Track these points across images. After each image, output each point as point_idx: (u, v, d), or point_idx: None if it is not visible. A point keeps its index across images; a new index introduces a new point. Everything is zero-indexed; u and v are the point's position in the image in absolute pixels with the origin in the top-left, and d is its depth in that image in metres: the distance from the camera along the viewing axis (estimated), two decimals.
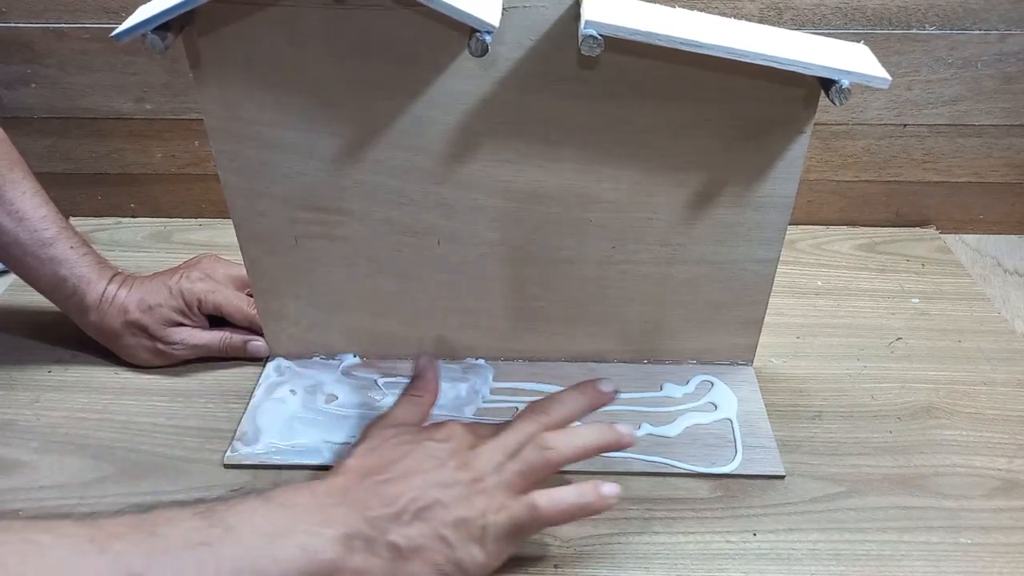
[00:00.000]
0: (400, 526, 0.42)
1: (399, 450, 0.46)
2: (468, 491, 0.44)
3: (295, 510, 0.42)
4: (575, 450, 0.47)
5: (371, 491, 0.43)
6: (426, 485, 0.44)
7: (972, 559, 0.51)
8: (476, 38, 0.43)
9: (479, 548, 0.44)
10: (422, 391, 0.53)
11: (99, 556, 0.36)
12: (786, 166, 0.52)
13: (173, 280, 0.63)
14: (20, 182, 0.60)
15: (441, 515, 0.43)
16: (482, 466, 0.46)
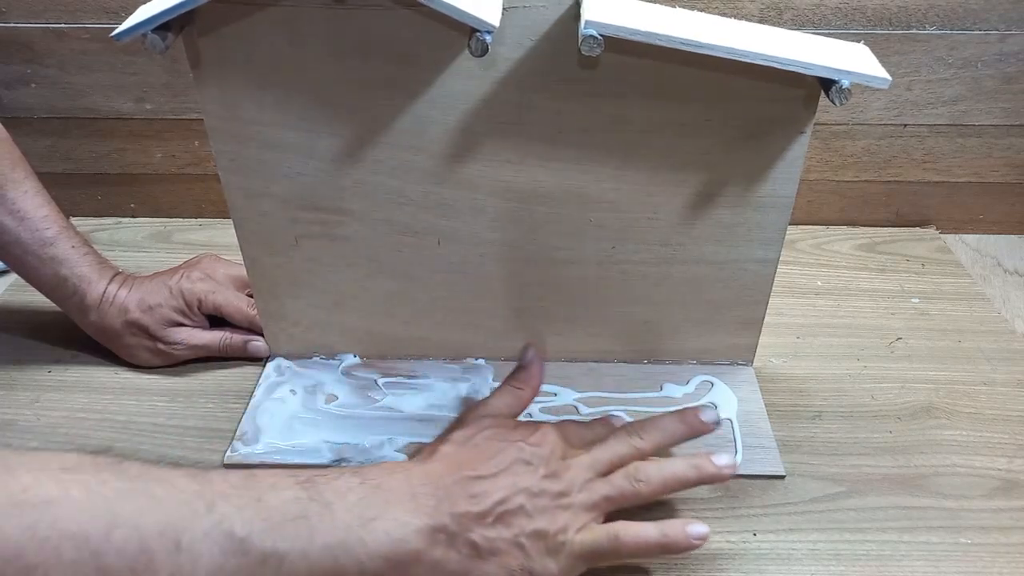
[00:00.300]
0: (482, 527, 0.43)
1: (493, 447, 0.47)
2: (553, 504, 0.45)
3: (388, 494, 0.42)
4: (666, 485, 0.47)
5: (461, 487, 0.44)
6: (514, 490, 0.44)
7: (972, 559, 0.51)
8: (476, 38, 0.43)
9: (553, 561, 0.44)
10: (524, 384, 0.53)
11: (206, 515, 0.37)
12: (786, 166, 0.52)
13: (173, 280, 0.63)
14: (22, 181, 0.60)
15: (523, 523, 0.44)
16: (570, 481, 0.46)
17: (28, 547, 0.33)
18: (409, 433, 0.58)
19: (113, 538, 0.34)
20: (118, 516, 0.35)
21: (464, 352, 0.64)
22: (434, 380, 0.63)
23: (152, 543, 0.35)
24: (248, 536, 0.38)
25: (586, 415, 0.60)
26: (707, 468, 0.48)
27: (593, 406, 0.61)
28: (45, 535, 0.33)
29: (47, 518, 0.33)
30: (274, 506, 0.39)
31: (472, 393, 0.61)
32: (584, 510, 0.46)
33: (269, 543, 0.38)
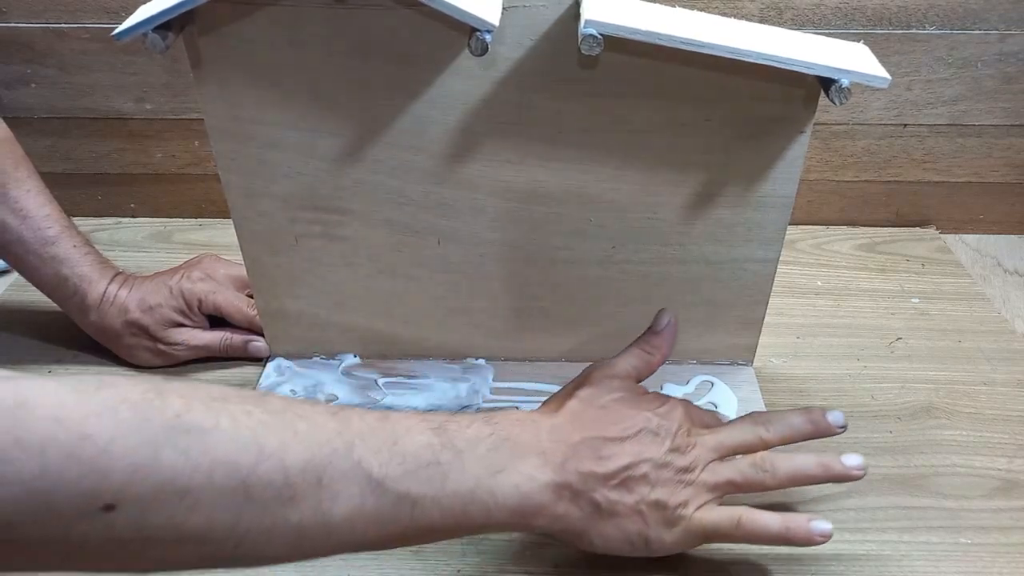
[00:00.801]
0: (606, 488, 0.44)
1: (621, 411, 0.47)
2: (676, 478, 0.45)
3: (517, 447, 0.43)
4: (792, 479, 0.47)
5: (589, 447, 0.44)
6: (640, 457, 0.45)
7: (972, 559, 0.51)
8: (476, 37, 0.43)
9: (668, 532, 0.45)
10: (655, 349, 0.53)
11: (346, 454, 0.38)
12: (786, 166, 0.52)
13: (174, 280, 0.63)
14: (25, 180, 0.60)
15: (645, 491, 0.45)
16: (695, 458, 0.46)
17: (183, 471, 0.33)
18: None
19: (260, 470, 0.35)
20: (264, 448, 0.35)
21: (464, 352, 0.64)
22: (434, 380, 0.63)
23: (296, 478, 0.36)
24: (384, 479, 0.38)
25: None
26: (835, 467, 0.47)
27: None
28: (198, 461, 0.33)
29: (200, 444, 0.34)
30: (409, 451, 0.40)
31: (472, 393, 0.61)
32: (706, 489, 0.46)
33: (403, 487, 0.39)
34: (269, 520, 0.35)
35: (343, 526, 0.37)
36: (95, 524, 0.31)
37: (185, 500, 0.33)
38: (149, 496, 0.32)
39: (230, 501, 0.34)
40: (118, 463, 0.32)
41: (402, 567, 0.50)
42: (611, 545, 0.45)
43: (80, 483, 0.31)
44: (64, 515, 0.31)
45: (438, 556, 0.51)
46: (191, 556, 0.35)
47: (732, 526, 0.46)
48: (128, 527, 0.32)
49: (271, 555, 0.37)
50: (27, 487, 0.30)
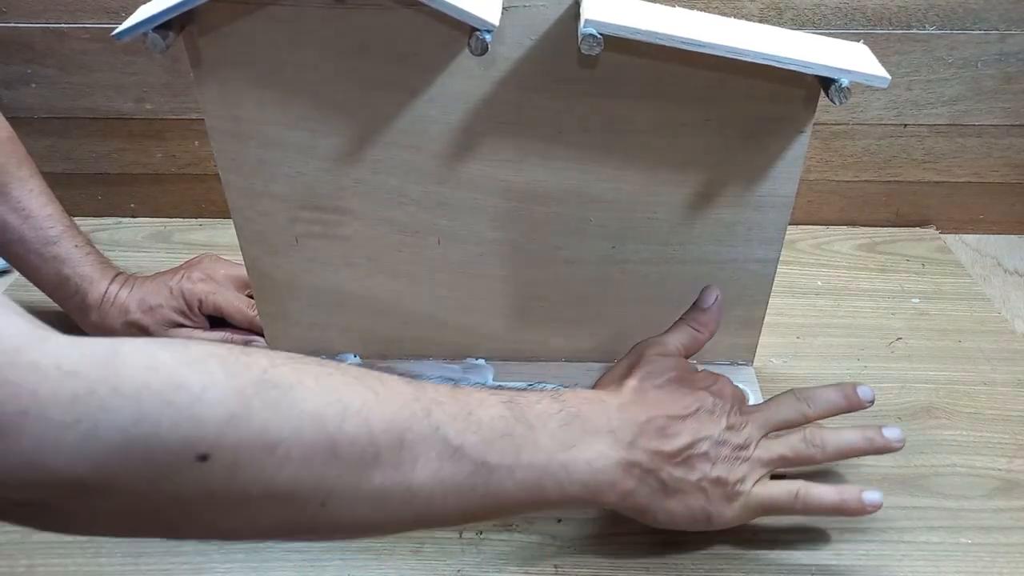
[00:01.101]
0: (671, 466, 0.45)
1: (678, 391, 0.48)
2: (733, 455, 0.47)
3: (587, 424, 0.44)
4: (840, 452, 0.49)
5: (655, 426, 0.46)
6: (700, 436, 0.47)
7: (972, 559, 0.51)
8: (476, 37, 0.43)
9: (729, 507, 0.47)
10: (702, 327, 0.54)
11: (425, 418, 0.38)
12: (786, 166, 0.52)
13: (174, 281, 0.63)
14: (27, 180, 0.60)
15: (706, 468, 0.46)
16: (748, 435, 0.48)
17: (272, 423, 0.33)
18: None
19: (346, 427, 0.35)
20: (349, 406, 0.36)
21: (464, 352, 0.64)
22: (434, 380, 0.63)
23: (379, 437, 0.36)
24: (461, 446, 0.39)
25: None
26: (878, 440, 0.49)
27: None
28: (286, 414, 0.34)
29: (287, 399, 0.34)
30: (484, 421, 0.41)
31: None
32: (760, 465, 0.48)
33: (480, 455, 0.39)
34: (354, 480, 0.35)
35: (423, 492, 0.37)
36: (190, 475, 0.32)
37: (275, 453, 0.33)
38: (241, 446, 0.32)
39: (317, 457, 0.34)
40: (211, 411, 0.32)
41: (402, 567, 0.50)
42: (675, 520, 0.46)
43: (176, 430, 0.31)
44: (160, 464, 0.31)
45: (438, 556, 0.51)
46: (277, 517, 0.35)
47: (790, 499, 0.48)
48: (221, 480, 0.32)
49: (352, 520, 0.37)
50: (125, 434, 0.30)
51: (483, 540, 0.52)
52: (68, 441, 0.29)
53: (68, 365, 0.30)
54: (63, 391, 0.29)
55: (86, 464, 0.30)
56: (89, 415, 0.29)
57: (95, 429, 0.29)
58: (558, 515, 0.53)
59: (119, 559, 0.51)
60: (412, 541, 0.52)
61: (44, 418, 0.29)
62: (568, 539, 0.52)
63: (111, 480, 0.30)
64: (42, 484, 0.30)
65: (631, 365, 0.50)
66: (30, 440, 0.29)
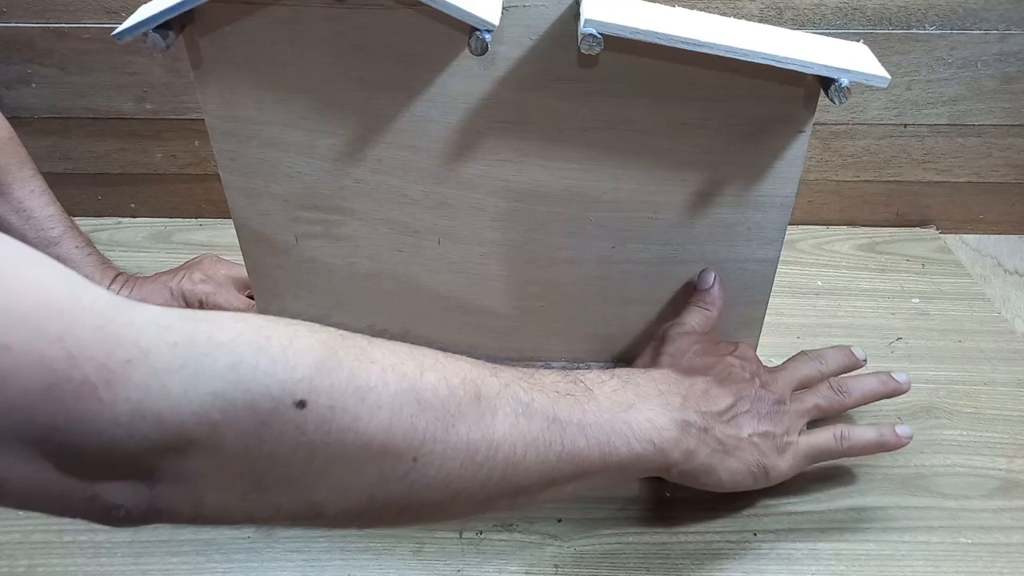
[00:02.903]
0: (722, 424, 0.48)
1: (707, 360, 0.51)
2: (773, 410, 0.50)
3: (639, 388, 0.47)
4: (864, 397, 0.54)
5: (698, 389, 0.48)
6: (739, 395, 0.49)
7: (972, 559, 0.51)
8: (476, 37, 0.43)
9: (782, 458, 0.50)
10: (710, 305, 0.56)
11: (492, 377, 0.40)
12: (786, 165, 0.52)
13: (174, 281, 0.63)
14: (29, 180, 0.60)
15: (753, 424, 0.49)
16: (781, 391, 0.51)
17: (359, 372, 0.34)
18: None
19: (425, 379, 0.37)
20: (423, 363, 0.37)
21: (464, 352, 0.63)
22: None
23: (457, 389, 0.38)
24: (532, 402, 0.40)
25: None
26: (891, 382, 0.54)
27: None
28: (369, 367, 0.35)
29: (367, 355, 0.36)
30: (546, 383, 0.43)
31: None
32: (799, 416, 0.51)
33: (550, 411, 0.41)
34: (441, 432, 0.36)
35: (505, 445, 0.38)
36: (289, 423, 0.32)
37: (366, 401, 0.34)
38: (335, 392, 0.33)
39: (405, 407, 0.35)
40: (302, 358, 0.33)
41: (402, 567, 0.50)
42: (736, 478, 0.48)
43: (272, 374, 0.32)
44: (261, 410, 0.31)
45: (438, 556, 0.51)
46: (372, 477, 0.35)
47: (835, 442, 0.51)
48: (318, 429, 0.33)
49: (444, 479, 0.37)
50: (225, 379, 0.31)
51: (483, 540, 0.52)
52: (173, 387, 0.29)
53: (165, 320, 0.31)
54: (163, 340, 0.30)
55: (190, 412, 0.30)
56: (191, 360, 0.30)
57: (198, 374, 0.30)
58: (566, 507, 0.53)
59: (119, 559, 0.51)
60: (412, 541, 0.52)
61: (148, 365, 0.29)
62: (568, 539, 0.52)
63: (215, 431, 0.31)
64: (149, 438, 0.29)
65: (657, 346, 0.54)
66: (137, 388, 0.29)
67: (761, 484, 0.50)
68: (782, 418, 0.50)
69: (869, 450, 0.52)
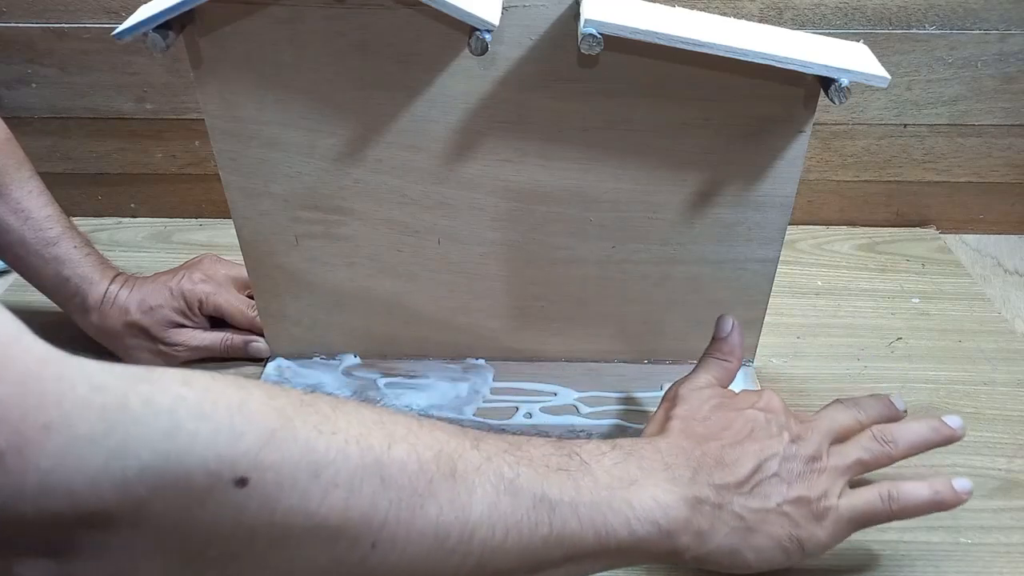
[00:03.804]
0: (742, 496, 0.42)
1: (725, 416, 0.45)
2: (807, 469, 0.43)
3: (642, 462, 0.41)
4: (913, 446, 0.47)
5: (712, 457, 0.42)
6: (764, 455, 0.43)
7: (972, 559, 0.51)
8: (476, 37, 0.43)
9: (820, 527, 0.43)
10: (729, 355, 0.51)
11: (475, 450, 0.36)
12: (786, 166, 0.52)
13: (174, 281, 0.63)
14: (27, 181, 0.60)
15: (782, 490, 0.42)
16: (817, 446, 0.44)
17: (316, 444, 0.31)
18: None
19: (393, 452, 0.33)
20: (394, 433, 0.34)
21: (464, 352, 0.64)
22: (434, 380, 0.63)
23: (429, 464, 0.34)
24: (516, 478, 0.36)
25: (586, 415, 0.60)
26: (944, 429, 0.47)
27: (593, 406, 0.61)
28: (330, 437, 0.31)
29: (329, 424, 0.32)
30: (535, 456, 0.38)
31: (472, 393, 0.61)
32: (839, 474, 0.44)
33: (538, 489, 0.36)
34: (407, 512, 0.32)
35: (482, 528, 0.34)
36: (227, 503, 0.28)
37: (320, 478, 0.30)
38: (284, 468, 0.30)
39: (366, 484, 0.31)
40: (251, 427, 0.29)
41: None
42: (766, 556, 0.42)
43: (212, 446, 0.28)
44: (195, 487, 0.28)
45: None
46: (322, 561, 0.31)
47: (883, 504, 0.44)
48: (261, 509, 0.29)
49: (408, 566, 0.33)
50: (157, 451, 0.27)
51: None
52: (93, 459, 0.26)
53: (98, 379, 0.27)
54: (92, 403, 0.27)
55: (112, 486, 0.26)
56: (119, 428, 0.27)
57: (124, 444, 0.27)
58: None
59: None
60: None
61: (68, 432, 0.26)
62: None
63: (140, 507, 0.27)
64: (58, 514, 0.26)
65: (668, 408, 0.48)
66: (50, 458, 0.25)
67: (796, 560, 0.42)
68: (818, 478, 0.43)
69: (923, 510, 0.45)
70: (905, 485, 0.45)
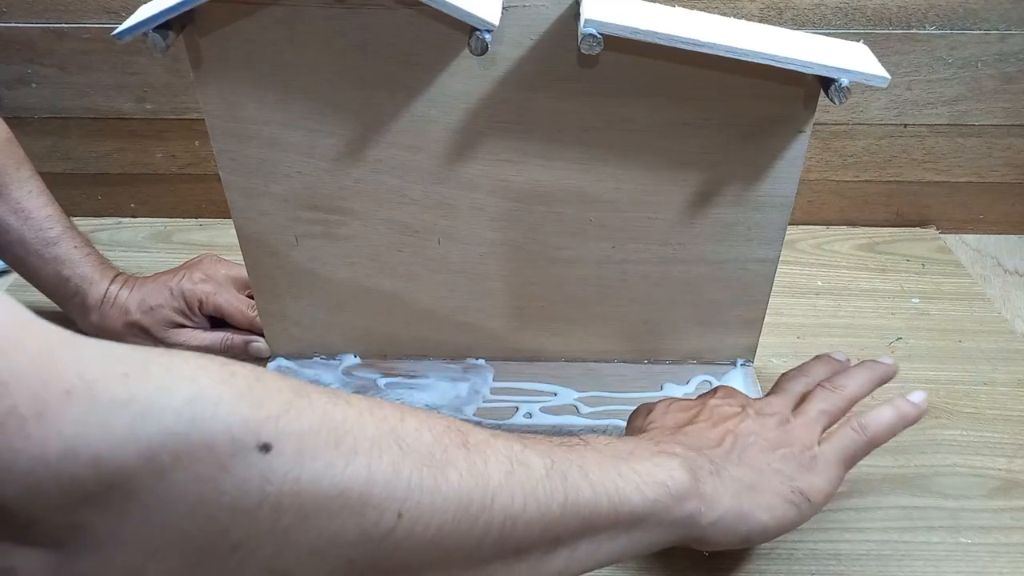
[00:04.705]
0: (732, 464, 0.43)
1: (689, 411, 0.48)
2: (781, 431, 0.46)
3: (634, 444, 0.42)
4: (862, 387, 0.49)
5: (693, 436, 0.44)
6: (738, 430, 0.45)
7: (972, 559, 0.51)
8: (476, 37, 0.43)
9: (815, 475, 0.44)
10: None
11: (476, 429, 0.36)
12: (786, 166, 0.52)
13: (174, 281, 0.63)
14: (27, 181, 0.60)
15: (767, 453, 0.44)
16: (779, 410, 0.47)
17: (333, 413, 0.31)
18: None
19: (406, 424, 0.33)
20: (402, 408, 0.34)
21: (464, 352, 0.64)
22: (434, 380, 0.63)
23: (442, 437, 0.34)
24: (525, 450, 0.36)
25: (586, 415, 0.60)
26: (879, 367, 0.51)
27: (593, 406, 0.61)
28: (345, 409, 0.32)
29: (342, 398, 0.32)
30: (538, 440, 0.38)
31: (472, 393, 0.61)
32: (811, 426, 0.46)
33: (547, 459, 0.37)
34: (429, 478, 0.32)
35: (503, 493, 0.34)
36: (252, 467, 0.28)
37: (341, 446, 0.30)
38: (305, 435, 0.29)
39: (385, 452, 0.31)
40: (270, 398, 0.29)
41: None
42: (777, 514, 0.42)
43: (235, 410, 0.28)
44: (220, 451, 0.27)
45: None
46: (350, 538, 0.30)
47: (859, 434, 0.46)
48: (286, 477, 0.28)
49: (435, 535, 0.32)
50: (180, 415, 0.27)
51: None
52: (118, 423, 0.25)
53: (119, 351, 0.27)
54: (113, 371, 0.26)
55: (137, 450, 0.26)
56: (142, 394, 0.26)
57: (149, 408, 0.26)
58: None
59: None
60: None
61: (91, 398, 0.25)
62: None
63: (164, 474, 0.26)
64: (81, 484, 0.25)
65: (634, 426, 0.50)
66: (73, 423, 0.25)
67: (807, 512, 0.43)
68: (793, 434, 0.45)
69: (894, 429, 0.47)
70: (871, 413, 0.47)
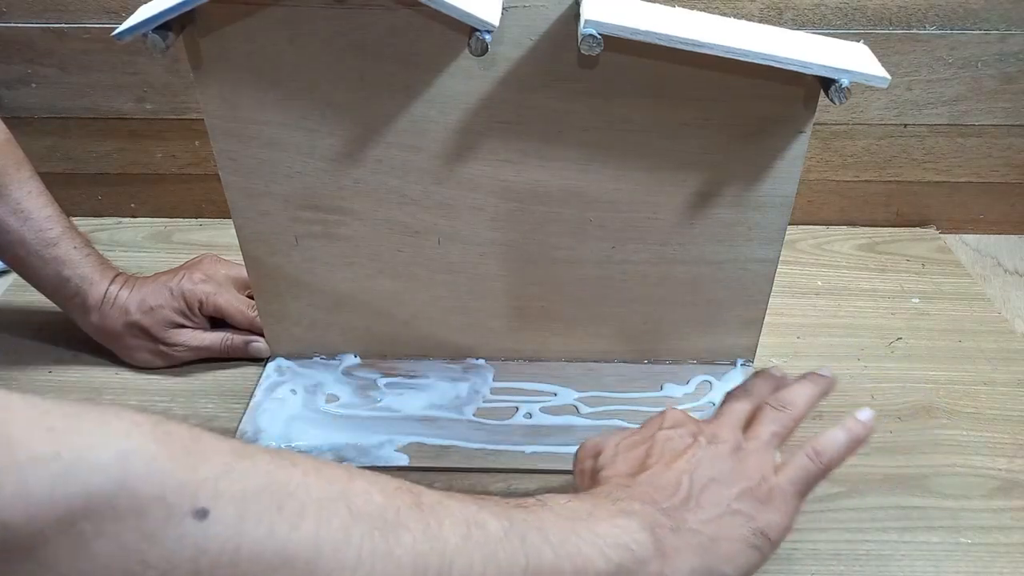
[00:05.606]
0: (691, 512, 0.41)
1: (640, 448, 0.45)
2: (735, 461, 0.43)
3: (592, 500, 0.40)
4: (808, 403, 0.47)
5: (648, 485, 0.42)
6: (691, 466, 0.43)
7: (972, 559, 0.51)
8: (476, 37, 0.43)
9: (771, 510, 0.42)
10: None
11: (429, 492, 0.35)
12: (786, 166, 0.52)
13: (174, 281, 0.63)
14: (26, 181, 0.60)
15: (725, 491, 0.42)
16: (730, 437, 0.45)
17: (278, 474, 0.29)
18: (409, 433, 0.58)
19: (354, 485, 0.31)
20: (352, 471, 0.32)
21: (464, 352, 0.64)
22: (434, 380, 0.63)
23: (394, 498, 0.32)
24: (480, 511, 0.35)
25: (586, 415, 0.60)
26: (819, 380, 0.48)
27: (593, 406, 0.61)
28: (290, 469, 0.30)
29: (288, 457, 0.31)
30: (490, 503, 0.37)
31: (472, 393, 0.61)
32: (763, 452, 0.44)
33: (504, 520, 0.35)
34: (382, 542, 0.30)
35: (461, 556, 0.32)
36: (185, 536, 0.26)
37: (286, 508, 0.28)
38: (247, 499, 0.27)
39: (333, 513, 0.29)
40: (208, 459, 0.27)
41: None
42: (740, 562, 0.41)
43: (170, 470, 0.26)
44: (150, 517, 0.25)
45: None
46: None
47: (813, 464, 0.44)
48: (223, 546, 0.26)
49: None
50: (107, 474, 0.24)
51: None
52: (35, 484, 0.23)
53: (45, 405, 0.25)
54: (39, 425, 0.24)
55: (54, 515, 0.24)
56: (68, 450, 0.24)
57: (74, 466, 0.24)
58: None
59: None
60: None
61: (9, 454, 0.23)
62: None
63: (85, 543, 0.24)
64: None
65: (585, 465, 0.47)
66: None
67: (768, 552, 0.42)
68: (747, 463, 0.43)
69: (848, 450, 0.46)
70: (822, 438, 0.45)
